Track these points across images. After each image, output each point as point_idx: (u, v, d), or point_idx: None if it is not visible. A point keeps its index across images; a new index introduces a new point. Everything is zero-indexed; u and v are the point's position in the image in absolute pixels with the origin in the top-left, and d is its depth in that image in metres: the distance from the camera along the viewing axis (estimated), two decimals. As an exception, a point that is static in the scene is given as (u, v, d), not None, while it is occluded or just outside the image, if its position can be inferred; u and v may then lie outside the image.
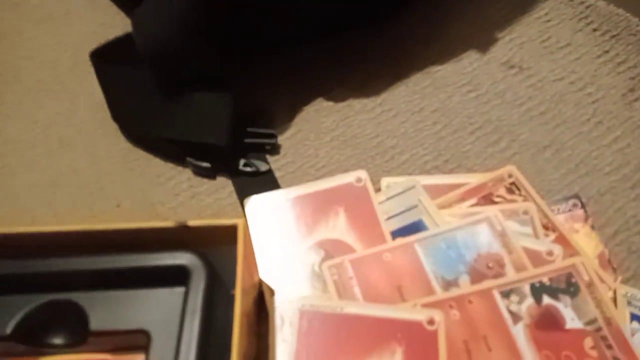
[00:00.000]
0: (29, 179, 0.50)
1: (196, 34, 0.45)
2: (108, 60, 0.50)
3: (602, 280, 0.39)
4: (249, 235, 0.34)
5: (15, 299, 0.29)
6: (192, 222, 0.32)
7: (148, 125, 0.48)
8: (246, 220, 0.35)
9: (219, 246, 0.33)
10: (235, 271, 0.32)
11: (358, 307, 0.36)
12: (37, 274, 0.29)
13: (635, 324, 0.37)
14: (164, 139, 0.47)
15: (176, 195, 0.48)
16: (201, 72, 0.46)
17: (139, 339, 0.29)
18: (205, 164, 0.47)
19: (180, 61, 0.45)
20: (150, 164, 0.50)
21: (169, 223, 0.32)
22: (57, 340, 0.30)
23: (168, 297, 0.30)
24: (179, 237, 0.32)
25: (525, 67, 0.56)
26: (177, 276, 0.30)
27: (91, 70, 0.53)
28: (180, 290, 0.31)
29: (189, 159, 0.48)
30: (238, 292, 0.30)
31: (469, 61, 0.57)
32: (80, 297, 0.30)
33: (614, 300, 0.38)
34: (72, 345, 0.30)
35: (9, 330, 0.29)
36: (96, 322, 0.30)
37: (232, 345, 0.28)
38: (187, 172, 0.49)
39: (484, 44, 0.58)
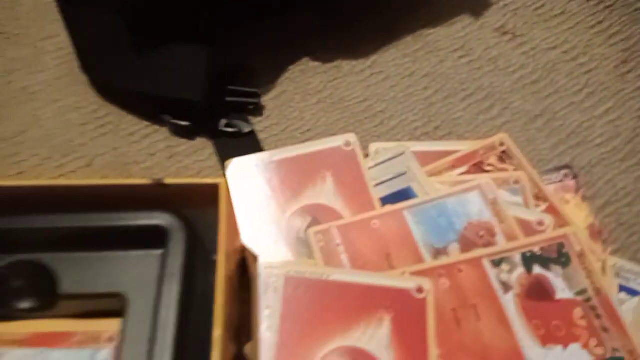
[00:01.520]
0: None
1: None
2: (78, 3, 0.46)
3: (593, 251, 0.39)
4: (230, 197, 0.31)
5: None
6: (170, 180, 0.29)
7: (120, 78, 0.44)
8: (227, 182, 0.33)
9: (199, 207, 0.30)
10: (216, 234, 0.30)
11: (345, 274, 0.35)
12: (2, 232, 0.27)
13: (623, 294, 0.37)
14: (137, 93, 0.44)
15: (152, 155, 0.45)
16: (179, 19, 0.43)
17: (114, 304, 0.27)
18: (183, 123, 0.45)
19: (157, 7, 0.42)
20: (123, 120, 0.46)
21: (145, 180, 0.29)
22: (24, 304, 0.27)
23: (145, 260, 0.28)
24: (156, 196, 0.30)
25: (518, 34, 0.54)
26: (155, 237, 0.28)
27: (56, 13, 0.48)
28: (158, 252, 0.28)
29: (165, 117, 0.45)
30: (221, 255, 0.28)
31: (462, 25, 0.55)
32: (50, 259, 0.27)
33: (603, 271, 0.38)
34: (40, 310, 0.27)
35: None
36: (67, 285, 0.27)
37: (215, 311, 0.26)
38: (164, 131, 0.46)
39: (478, 8, 0.56)
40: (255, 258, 0.37)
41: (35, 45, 0.51)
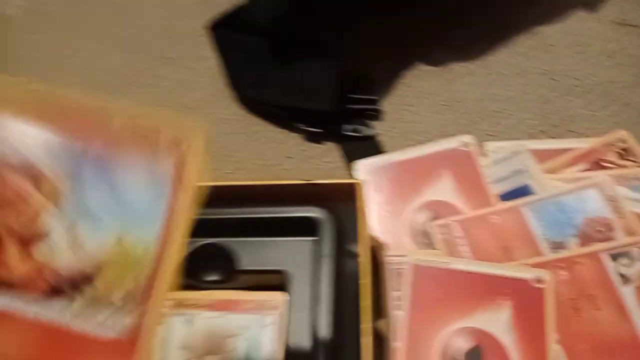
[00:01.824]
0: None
1: (309, 7, 0.47)
2: (227, 28, 0.54)
3: None
4: (364, 195, 0.37)
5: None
6: (318, 180, 0.36)
7: (263, 92, 0.52)
8: (361, 181, 0.39)
9: (339, 203, 0.36)
10: (354, 226, 0.35)
11: (467, 264, 0.39)
12: (198, 221, 0.35)
13: None
14: (277, 105, 0.51)
15: (289, 158, 0.52)
16: (309, 39, 0.49)
17: (279, 279, 0.34)
18: (315, 129, 0.51)
19: (293, 31, 0.49)
20: (264, 129, 0.54)
21: (300, 180, 0.36)
22: (211, 277, 0.35)
23: (303, 245, 0.35)
24: (305, 193, 0.36)
25: (638, 25, 0.53)
26: (309, 227, 0.35)
27: (205, 37, 0.57)
28: (312, 239, 0.35)
29: (300, 125, 0.51)
30: (362, 244, 0.34)
31: (577, 19, 0.55)
32: (230, 243, 0.35)
33: None
34: (222, 282, 0.35)
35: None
36: (242, 264, 0.35)
37: (361, 287, 0.32)
38: (298, 137, 0.53)
39: (594, 2, 0.56)
40: (383, 247, 0.42)
41: (190, 67, 0.60)
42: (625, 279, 0.37)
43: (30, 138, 0.27)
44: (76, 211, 0.26)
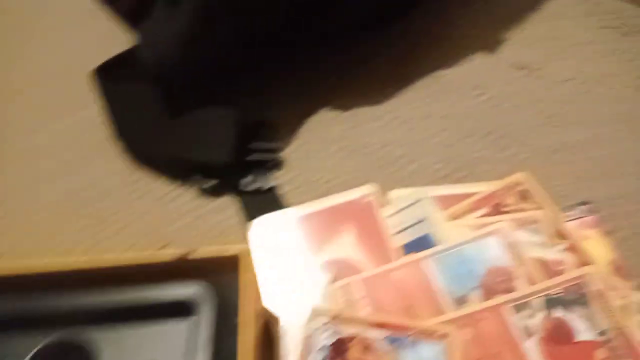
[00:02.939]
0: (30, 207, 0.49)
1: (202, 48, 0.45)
2: (112, 76, 0.50)
3: (614, 288, 0.38)
4: (252, 263, 0.34)
5: (22, 339, 0.30)
6: (193, 254, 0.32)
7: (154, 144, 0.48)
8: (249, 249, 0.35)
9: (223, 274, 0.33)
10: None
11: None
12: (42, 311, 0.30)
13: (650, 333, 0.37)
14: (170, 157, 0.48)
15: (181, 216, 0.48)
16: (206, 87, 0.46)
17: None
18: (211, 182, 0.47)
19: (187, 75, 0.45)
20: (153, 184, 0.49)
21: (171, 255, 0.32)
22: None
23: (176, 329, 0.31)
24: (182, 267, 0.32)
25: (535, 67, 0.55)
26: (184, 308, 0.31)
27: (89, 87, 0.53)
28: (188, 321, 0.31)
29: (194, 177, 0.48)
30: (242, 323, 0.30)
31: (478, 63, 0.56)
32: (88, 333, 0.30)
33: (627, 307, 0.38)
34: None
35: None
36: (104, 360, 0.30)
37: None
38: (192, 192, 0.49)
39: (493, 44, 0.57)
40: (277, 319, 0.39)
41: (72, 116, 0.55)
42: (528, 331, 0.36)
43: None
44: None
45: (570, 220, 0.43)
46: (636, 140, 0.48)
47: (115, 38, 0.57)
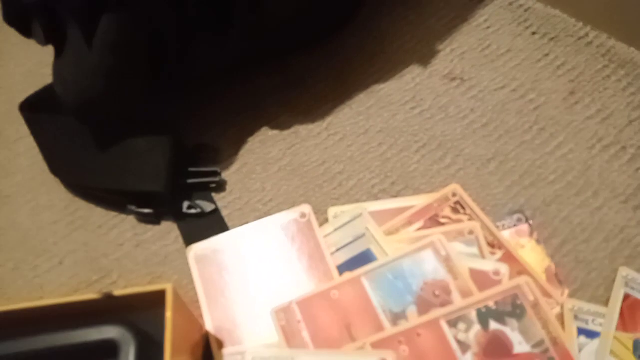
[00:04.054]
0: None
1: (116, 79, 0.43)
2: (38, 110, 0.48)
3: (549, 296, 0.39)
4: (180, 298, 0.33)
5: None
6: (118, 292, 0.31)
7: (85, 176, 0.47)
8: (172, 286, 0.33)
9: (153, 310, 0.32)
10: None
11: (308, 356, 0.36)
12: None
13: (582, 338, 0.37)
14: (102, 189, 0.46)
15: (120, 245, 0.47)
16: (130, 116, 0.45)
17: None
18: (147, 211, 0.46)
19: (104, 108, 0.44)
20: (92, 214, 0.48)
21: (94, 295, 0.31)
22: None
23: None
24: (108, 306, 0.31)
25: (466, 78, 0.56)
26: (107, 351, 0.29)
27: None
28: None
29: (130, 207, 0.46)
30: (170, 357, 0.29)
31: (412, 76, 0.57)
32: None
33: (562, 316, 0.38)
34: None
35: None
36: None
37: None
38: (131, 220, 0.48)
39: (425, 57, 0.58)
40: (220, 345, 0.38)
41: (9, 147, 0.53)
42: (464, 346, 0.36)
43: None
44: None
45: (505, 229, 0.44)
46: (570, 144, 0.50)
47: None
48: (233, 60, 0.51)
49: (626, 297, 0.39)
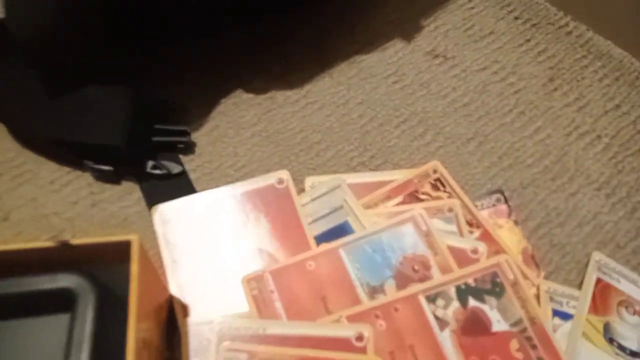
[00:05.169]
0: None
1: (76, 15, 0.39)
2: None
3: (525, 277, 0.39)
4: (145, 252, 0.30)
5: None
6: (76, 241, 0.27)
7: (36, 126, 0.42)
8: (138, 237, 0.30)
9: (115, 264, 0.29)
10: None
11: (281, 327, 0.33)
12: None
13: (556, 319, 0.37)
14: (54, 141, 0.42)
15: (74, 203, 0.42)
16: (90, 62, 0.41)
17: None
18: (106, 168, 0.42)
19: (63, 50, 0.40)
20: (42, 168, 0.44)
21: (48, 243, 0.27)
22: None
23: (52, 326, 0.26)
24: (65, 257, 0.28)
25: (449, 56, 0.55)
26: (62, 302, 0.26)
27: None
28: (66, 316, 0.27)
29: (86, 162, 0.42)
30: (132, 318, 0.26)
31: (395, 50, 0.55)
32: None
33: (537, 297, 0.38)
34: None
35: None
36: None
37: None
38: (87, 177, 0.44)
39: (410, 31, 0.56)
40: (185, 312, 0.35)
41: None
42: (442, 322, 0.35)
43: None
44: None
45: (484, 209, 0.44)
46: (548, 129, 0.50)
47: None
48: (202, 14, 0.47)
49: (598, 281, 0.40)
